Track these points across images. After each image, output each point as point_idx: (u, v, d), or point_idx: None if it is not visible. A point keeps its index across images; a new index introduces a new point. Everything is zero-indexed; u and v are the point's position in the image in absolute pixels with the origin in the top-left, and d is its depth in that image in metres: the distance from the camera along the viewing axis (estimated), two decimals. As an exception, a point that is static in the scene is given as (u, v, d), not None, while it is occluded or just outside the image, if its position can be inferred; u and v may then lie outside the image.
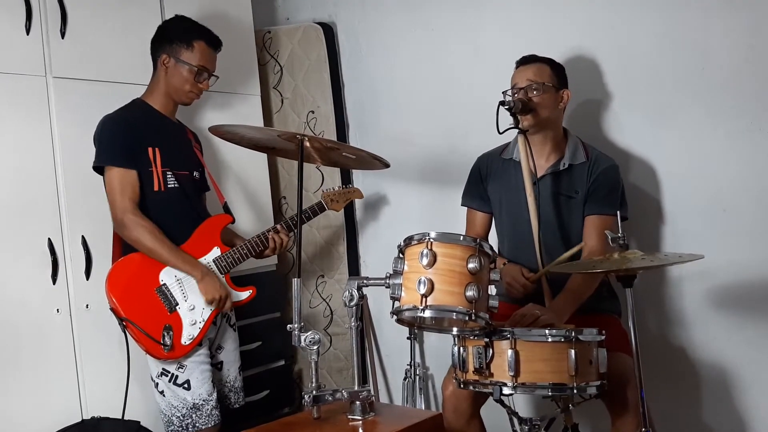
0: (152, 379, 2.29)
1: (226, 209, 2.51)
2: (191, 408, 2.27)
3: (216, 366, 2.43)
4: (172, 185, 2.34)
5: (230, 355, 2.49)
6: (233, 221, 2.47)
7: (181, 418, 2.26)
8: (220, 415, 2.32)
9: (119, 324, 2.19)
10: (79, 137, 2.39)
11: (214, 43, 2.43)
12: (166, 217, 2.29)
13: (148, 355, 2.24)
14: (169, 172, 2.34)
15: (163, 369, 2.27)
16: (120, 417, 2.31)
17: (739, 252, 2.34)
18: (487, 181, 2.45)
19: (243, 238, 2.49)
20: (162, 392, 2.28)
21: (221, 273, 2.36)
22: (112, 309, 2.22)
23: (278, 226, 2.51)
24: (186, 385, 2.27)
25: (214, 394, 2.32)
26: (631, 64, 2.52)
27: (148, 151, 2.30)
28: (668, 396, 2.45)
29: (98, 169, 2.29)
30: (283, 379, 3.17)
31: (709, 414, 2.45)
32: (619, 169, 2.33)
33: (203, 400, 2.28)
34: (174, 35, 2.38)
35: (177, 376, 2.27)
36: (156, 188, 2.30)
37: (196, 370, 2.28)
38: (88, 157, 2.30)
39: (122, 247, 2.30)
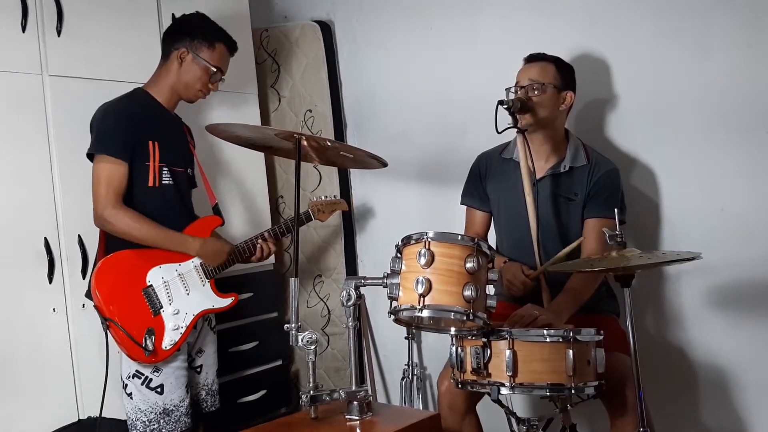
0: (121, 379, 2.23)
1: (216, 210, 2.46)
2: (161, 413, 2.20)
3: (195, 369, 2.38)
4: (167, 181, 2.30)
5: (210, 358, 2.44)
6: (222, 223, 2.43)
7: (146, 423, 2.19)
8: (190, 421, 2.27)
9: (102, 323, 2.13)
10: (75, 136, 2.37)
11: (233, 48, 2.43)
12: (157, 214, 2.24)
13: (122, 354, 2.18)
14: (165, 168, 2.29)
15: (137, 371, 2.20)
16: (114, 417, 2.30)
17: (737, 251, 2.34)
18: (486, 180, 2.45)
19: (230, 244, 2.43)
20: (130, 394, 2.21)
21: (207, 277, 2.32)
22: (96, 307, 2.16)
23: (266, 234, 2.48)
24: (159, 390, 2.21)
25: (187, 400, 2.26)
26: (628, 65, 2.52)
27: (149, 144, 2.25)
28: (667, 396, 2.45)
29: (91, 156, 2.23)
30: (280, 379, 3.17)
31: (707, 413, 2.45)
32: (620, 172, 2.33)
33: (174, 406, 2.22)
34: (197, 31, 2.34)
35: (151, 380, 2.20)
36: (151, 183, 2.25)
37: (171, 375, 2.23)
38: (84, 155, 2.28)
39: (106, 243, 2.25)
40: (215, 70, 2.35)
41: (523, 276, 2.21)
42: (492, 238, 2.50)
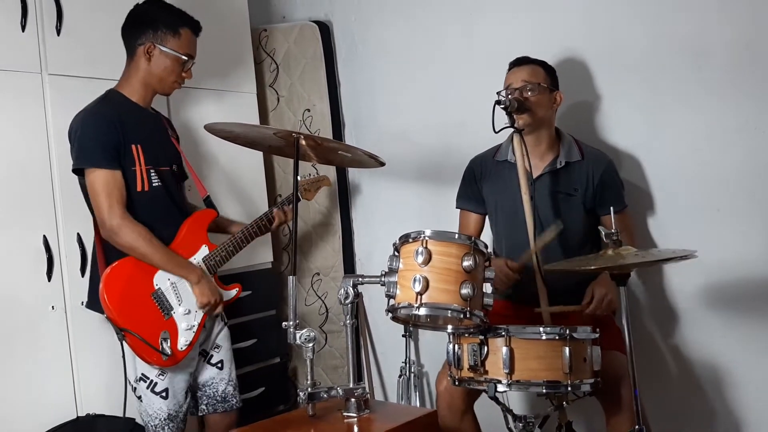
0: (129, 382, 2.18)
1: (209, 203, 2.42)
2: (165, 419, 2.18)
3: (216, 365, 2.36)
4: (156, 184, 2.22)
5: (228, 353, 2.41)
6: (217, 215, 2.40)
7: (153, 427, 2.18)
8: (184, 426, 2.26)
9: (117, 334, 2.08)
10: (74, 134, 2.38)
11: (197, 29, 2.31)
12: (151, 219, 2.18)
13: (130, 357, 2.15)
14: (152, 170, 2.22)
15: (143, 374, 2.16)
16: (114, 414, 2.30)
17: (732, 251, 2.35)
18: (481, 183, 2.46)
19: (241, 224, 2.42)
20: (139, 397, 2.19)
21: (210, 273, 2.29)
22: (108, 318, 2.10)
23: (282, 207, 2.49)
24: (164, 394, 2.17)
25: (185, 406, 2.24)
26: (626, 63, 2.52)
27: (132, 148, 2.17)
28: (662, 394, 2.46)
29: (78, 170, 2.17)
30: (279, 376, 3.17)
31: (703, 411, 2.46)
32: (613, 162, 2.37)
33: (176, 412, 2.20)
34: (158, 21, 2.22)
35: (156, 384, 2.16)
36: (139, 188, 2.18)
37: (175, 377, 2.20)
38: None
39: (105, 251, 2.19)
40: (186, 58, 2.25)
41: (507, 268, 2.21)
42: (489, 238, 2.51)
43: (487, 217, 2.50)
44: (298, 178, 2.69)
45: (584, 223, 2.34)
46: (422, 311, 1.76)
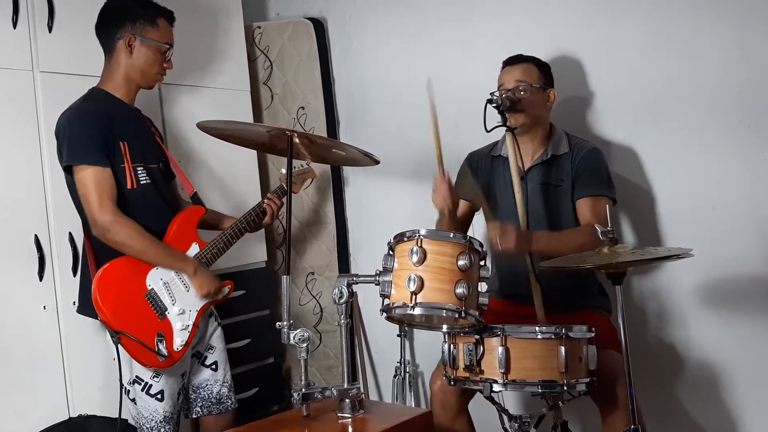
0: (123, 384, 2.13)
1: (196, 200, 2.41)
2: (161, 421, 2.15)
3: (211, 367, 2.35)
4: (145, 181, 2.20)
5: (222, 354, 2.39)
6: (205, 212, 2.38)
7: (149, 430, 2.15)
8: (178, 429, 2.24)
9: (112, 336, 2.04)
10: (66, 132, 2.35)
11: (172, 18, 2.30)
12: (141, 217, 2.15)
13: (122, 360, 2.11)
14: (140, 167, 2.20)
15: (137, 377, 2.13)
16: (107, 415, 2.29)
17: (728, 249, 2.35)
18: (477, 177, 2.46)
19: (232, 218, 2.42)
20: (133, 400, 2.16)
21: None
22: (103, 321, 2.07)
23: (269, 194, 2.49)
24: (159, 396, 2.14)
25: (177, 407, 2.23)
26: (620, 62, 2.52)
27: (120, 145, 2.15)
28: (658, 393, 2.46)
29: (67, 168, 2.13)
30: (273, 376, 3.16)
31: (698, 410, 2.46)
32: (602, 152, 2.34)
33: (171, 413, 2.18)
34: (135, 13, 2.21)
35: (150, 386, 2.13)
36: (129, 186, 2.16)
37: (170, 378, 2.17)
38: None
39: (95, 253, 2.16)
40: (167, 46, 2.24)
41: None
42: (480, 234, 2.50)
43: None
44: (282, 171, 2.69)
45: (575, 214, 2.33)
46: (417, 311, 1.75)
